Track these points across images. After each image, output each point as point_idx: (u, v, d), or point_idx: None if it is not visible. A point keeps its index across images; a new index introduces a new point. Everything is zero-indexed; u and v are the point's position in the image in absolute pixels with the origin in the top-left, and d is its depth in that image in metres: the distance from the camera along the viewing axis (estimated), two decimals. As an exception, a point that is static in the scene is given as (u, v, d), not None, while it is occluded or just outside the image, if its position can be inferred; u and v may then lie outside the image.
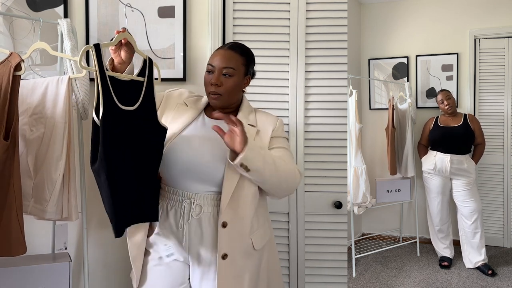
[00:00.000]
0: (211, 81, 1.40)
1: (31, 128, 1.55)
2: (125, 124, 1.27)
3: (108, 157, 1.20)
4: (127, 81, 1.31)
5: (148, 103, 1.35)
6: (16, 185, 1.31)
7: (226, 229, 1.34)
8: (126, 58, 1.33)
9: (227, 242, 1.34)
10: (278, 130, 1.47)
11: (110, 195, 1.22)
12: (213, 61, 1.42)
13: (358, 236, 3.86)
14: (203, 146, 1.38)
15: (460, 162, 3.16)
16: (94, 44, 1.22)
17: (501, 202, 3.64)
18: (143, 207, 1.34)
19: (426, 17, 3.78)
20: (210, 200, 1.36)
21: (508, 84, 3.58)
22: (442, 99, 3.28)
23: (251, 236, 1.39)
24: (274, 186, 1.37)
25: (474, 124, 3.26)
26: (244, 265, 1.37)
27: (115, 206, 1.24)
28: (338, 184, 2.03)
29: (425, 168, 3.30)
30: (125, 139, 1.27)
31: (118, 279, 1.93)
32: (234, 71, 1.41)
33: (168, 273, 1.41)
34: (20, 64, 1.30)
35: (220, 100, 1.42)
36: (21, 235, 1.34)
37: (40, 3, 1.86)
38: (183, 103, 1.50)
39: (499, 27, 3.56)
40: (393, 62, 3.89)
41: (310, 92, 2.01)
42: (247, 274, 1.37)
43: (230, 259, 1.34)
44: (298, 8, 1.99)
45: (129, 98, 1.30)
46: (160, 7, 1.92)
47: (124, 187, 1.27)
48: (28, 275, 1.55)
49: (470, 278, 3.06)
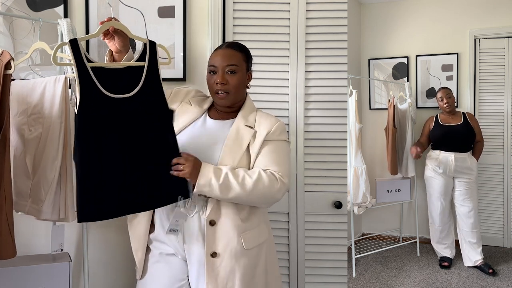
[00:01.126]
0: (217, 80, 1.40)
1: (29, 128, 1.55)
2: (112, 111, 1.26)
3: (82, 144, 1.23)
4: (121, 69, 1.30)
5: (150, 88, 1.33)
6: (6, 185, 1.29)
7: (214, 227, 1.35)
8: (120, 46, 1.34)
9: (215, 240, 1.35)
10: (274, 133, 1.44)
11: (79, 179, 1.24)
12: (214, 61, 1.43)
13: (358, 236, 3.86)
14: (196, 146, 1.39)
15: (463, 160, 3.17)
16: (70, 39, 1.24)
17: (501, 202, 3.64)
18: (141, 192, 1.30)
19: (426, 17, 3.78)
20: (203, 198, 1.37)
21: (508, 84, 3.58)
22: (442, 97, 3.28)
23: (242, 235, 1.38)
24: (246, 202, 1.37)
25: (474, 123, 3.27)
26: (234, 264, 1.36)
27: (81, 189, 1.24)
28: (338, 184, 2.03)
29: (430, 168, 3.29)
30: (112, 126, 1.26)
31: (118, 279, 1.93)
32: (237, 68, 1.42)
33: (168, 269, 1.43)
34: (10, 63, 1.28)
35: (228, 98, 1.42)
36: (11, 238, 1.29)
37: (40, 3, 1.86)
38: (188, 101, 1.51)
39: (499, 27, 3.56)
40: (393, 62, 3.89)
41: (310, 92, 2.01)
42: (238, 273, 1.36)
43: (219, 257, 1.35)
44: (298, 8, 1.99)
45: (124, 85, 1.29)
46: (160, 7, 1.92)
47: (107, 172, 1.25)
48: (28, 275, 1.55)
49: (470, 278, 3.06)
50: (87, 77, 1.24)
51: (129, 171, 1.28)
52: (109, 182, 1.26)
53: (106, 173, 1.26)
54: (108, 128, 1.26)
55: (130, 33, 1.34)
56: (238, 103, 1.49)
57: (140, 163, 1.30)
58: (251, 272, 1.40)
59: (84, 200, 1.24)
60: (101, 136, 1.25)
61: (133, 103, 1.29)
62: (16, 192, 1.57)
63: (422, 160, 3.43)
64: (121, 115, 1.28)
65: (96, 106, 1.25)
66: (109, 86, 1.27)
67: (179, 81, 1.92)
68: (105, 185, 1.25)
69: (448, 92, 3.29)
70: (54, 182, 1.50)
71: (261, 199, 1.37)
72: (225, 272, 1.35)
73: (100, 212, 1.26)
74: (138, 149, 1.30)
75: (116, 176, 1.27)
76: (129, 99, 1.29)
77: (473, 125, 3.25)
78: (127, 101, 1.29)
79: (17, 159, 1.57)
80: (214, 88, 1.42)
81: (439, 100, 3.31)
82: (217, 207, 1.36)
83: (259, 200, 1.37)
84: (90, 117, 1.24)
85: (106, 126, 1.26)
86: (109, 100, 1.27)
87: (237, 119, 1.45)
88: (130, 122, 1.29)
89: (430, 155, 3.32)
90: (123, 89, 1.29)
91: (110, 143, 1.26)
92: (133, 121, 1.30)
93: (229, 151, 1.38)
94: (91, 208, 1.25)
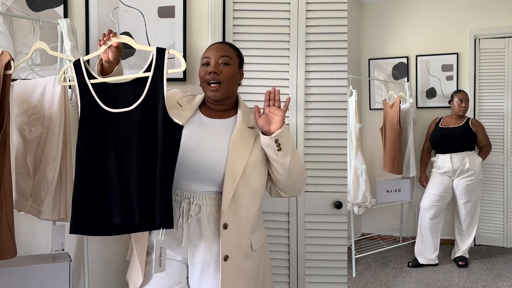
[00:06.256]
0: (210, 70, 1.40)
1: (30, 128, 1.55)
2: (110, 126, 1.27)
3: (79, 158, 1.26)
4: (124, 83, 1.30)
5: (152, 99, 1.26)
6: (6, 185, 1.28)
7: (227, 230, 1.34)
8: (112, 58, 1.32)
9: (229, 244, 1.34)
10: None
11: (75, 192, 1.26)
12: (208, 54, 1.44)
13: (358, 236, 3.86)
14: (201, 146, 1.38)
15: (461, 159, 3.16)
16: (74, 61, 1.29)
17: (501, 202, 3.64)
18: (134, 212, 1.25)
19: (426, 17, 3.78)
20: (209, 199, 1.36)
21: (508, 84, 3.58)
22: (461, 99, 3.24)
23: (251, 237, 1.39)
24: (291, 177, 1.41)
25: (477, 128, 3.27)
26: (244, 266, 1.37)
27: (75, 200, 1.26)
28: (338, 184, 2.03)
29: (434, 171, 3.29)
30: (108, 141, 1.27)
31: (118, 279, 1.93)
32: (231, 60, 1.43)
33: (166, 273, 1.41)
34: (10, 63, 1.29)
35: (220, 90, 1.41)
36: (11, 238, 1.29)
37: (40, 3, 1.86)
38: (177, 104, 1.49)
39: (499, 27, 3.56)
40: (393, 62, 3.89)
41: (310, 92, 2.01)
42: (247, 274, 1.38)
43: (231, 260, 1.34)
44: (298, 8, 1.99)
45: (127, 98, 1.28)
46: (160, 7, 1.93)
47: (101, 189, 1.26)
48: (28, 275, 1.55)
49: (470, 278, 3.07)
50: (87, 94, 1.28)
51: (125, 188, 1.26)
52: (103, 199, 1.26)
53: (101, 189, 1.26)
54: (106, 144, 1.27)
55: (136, 44, 1.29)
56: (229, 100, 1.47)
57: (136, 180, 1.25)
58: (256, 273, 1.42)
59: (77, 212, 1.25)
60: (100, 153, 1.26)
61: (132, 116, 1.26)
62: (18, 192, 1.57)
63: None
64: (118, 130, 1.27)
65: (95, 122, 1.27)
66: (110, 100, 1.28)
67: (179, 81, 1.92)
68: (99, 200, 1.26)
69: (467, 97, 3.28)
70: (53, 182, 1.51)
71: (299, 179, 1.45)
72: (237, 274, 1.35)
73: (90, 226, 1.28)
74: (135, 166, 1.26)
75: (111, 193, 1.26)
76: (129, 113, 1.27)
77: (475, 130, 3.24)
78: (127, 115, 1.27)
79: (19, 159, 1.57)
80: (206, 78, 1.41)
81: (456, 102, 3.27)
82: (230, 210, 1.34)
83: (299, 178, 1.45)
84: (89, 134, 1.27)
85: (104, 142, 1.27)
86: (108, 115, 1.27)
87: (239, 119, 1.44)
88: (129, 137, 1.26)
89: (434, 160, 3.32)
90: (126, 103, 1.28)
91: (108, 160, 1.26)
92: (132, 136, 1.26)
93: (237, 153, 1.37)
94: (83, 220, 1.26)
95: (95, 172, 1.26)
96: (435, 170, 3.27)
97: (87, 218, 1.26)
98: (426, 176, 3.40)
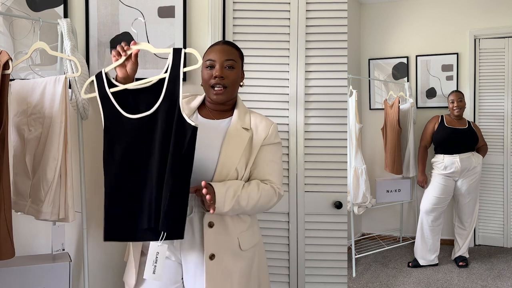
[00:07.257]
0: (215, 74, 1.39)
1: (29, 128, 1.55)
2: (132, 133, 1.28)
3: (109, 170, 1.29)
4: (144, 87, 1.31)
5: (171, 99, 1.26)
6: (5, 185, 1.28)
7: (213, 229, 1.35)
8: (132, 70, 1.35)
9: (214, 242, 1.35)
10: (271, 137, 1.45)
11: (105, 198, 1.29)
12: (212, 56, 1.41)
13: (358, 236, 3.86)
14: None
15: (468, 159, 3.17)
16: (97, 74, 1.32)
17: (501, 202, 3.64)
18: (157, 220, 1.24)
19: (426, 17, 3.78)
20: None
21: (508, 84, 3.58)
22: (453, 100, 3.26)
23: (238, 236, 1.39)
24: (248, 213, 1.43)
25: (477, 130, 3.32)
26: (232, 265, 1.37)
27: (106, 209, 1.28)
28: (338, 184, 2.03)
29: (436, 173, 3.24)
30: (133, 147, 1.28)
31: (118, 279, 1.93)
32: (235, 63, 1.42)
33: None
34: (8, 63, 1.29)
35: (225, 93, 1.41)
36: (9, 238, 1.29)
37: (40, 3, 1.86)
38: None
39: (499, 27, 3.56)
40: (393, 62, 3.88)
41: (310, 92, 2.01)
42: (235, 274, 1.37)
43: (217, 259, 1.34)
44: (298, 8, 1.99)
45: (147, 102, 1.29)
46: (160, 7, 1.92)
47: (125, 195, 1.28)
48: (28, 275, 1.55)
49: (470, 278, 3.06)
50: (108, 103, 1.30)
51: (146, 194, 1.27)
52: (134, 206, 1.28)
53: (132, 197, 1.28)
54: (132, 150, 1.28)
55: (154, 48, 1.31)
56: (230, 101, 1.48)
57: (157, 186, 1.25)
58: (248, 274, 1.41)
59: (108, 220, 1.28)
60: (124, 161, 1.28)
61: (152, 120, 1.28)
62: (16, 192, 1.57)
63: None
64: (144, 134, 1.28)
65: (118, 129, 1.29)
66: (131, 106, 1.30)
67: (179, 81, 1.92)
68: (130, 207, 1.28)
69: (460, 96, 3.28)
70: (54, 182, 1.50)
71: (258, 211, 1.43)
72: (223, 274, 1.35)
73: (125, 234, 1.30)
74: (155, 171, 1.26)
75: (141, 199, 1.28)
76: (149, 117, 1.28)
77: (476, 131, 3.28)
78: (146, 119, 1.29)
79: (17, 159, 1.57)
80: (211, 82, 1.40)
81: (450, 102, 3.30)
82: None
83: (256, 212, 1.44)
84: (114, 141, 1.29)
85: (128, 148, 1.28)
86: (129, 121, 1.28)
87: (233, 120, 1.44)
88: (153, 140, 1.27)
89: (435, 161, 3.28)
90: (146, 107, 1.29)
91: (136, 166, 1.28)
92: (155, 138, 1.27)
93: (229, 153, 1.37)
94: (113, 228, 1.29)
95: (127, 181, 1.28)
96: (438, 171, 3.22)
97: (120, 225, 1.29)
98: (426, 177, 3.34)
